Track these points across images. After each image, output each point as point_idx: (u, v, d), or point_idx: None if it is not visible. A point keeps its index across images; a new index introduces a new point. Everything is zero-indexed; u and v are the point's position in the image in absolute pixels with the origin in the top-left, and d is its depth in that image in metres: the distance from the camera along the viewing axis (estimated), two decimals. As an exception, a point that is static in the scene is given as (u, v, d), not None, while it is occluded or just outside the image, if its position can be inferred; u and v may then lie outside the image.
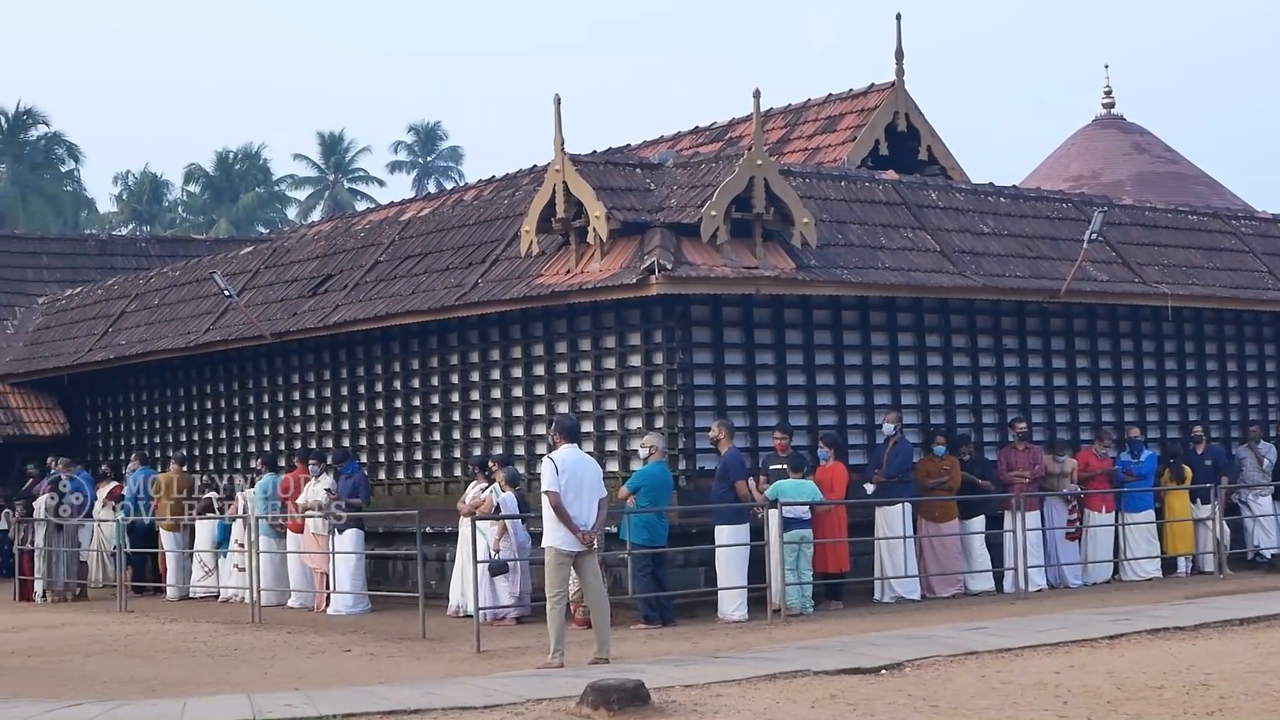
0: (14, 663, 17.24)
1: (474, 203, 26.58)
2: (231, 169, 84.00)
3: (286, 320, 25.84)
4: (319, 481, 22.67)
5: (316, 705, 12.07)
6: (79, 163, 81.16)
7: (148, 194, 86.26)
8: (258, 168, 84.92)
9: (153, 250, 39.25)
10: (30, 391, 33.56)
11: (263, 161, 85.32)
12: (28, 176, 76.94)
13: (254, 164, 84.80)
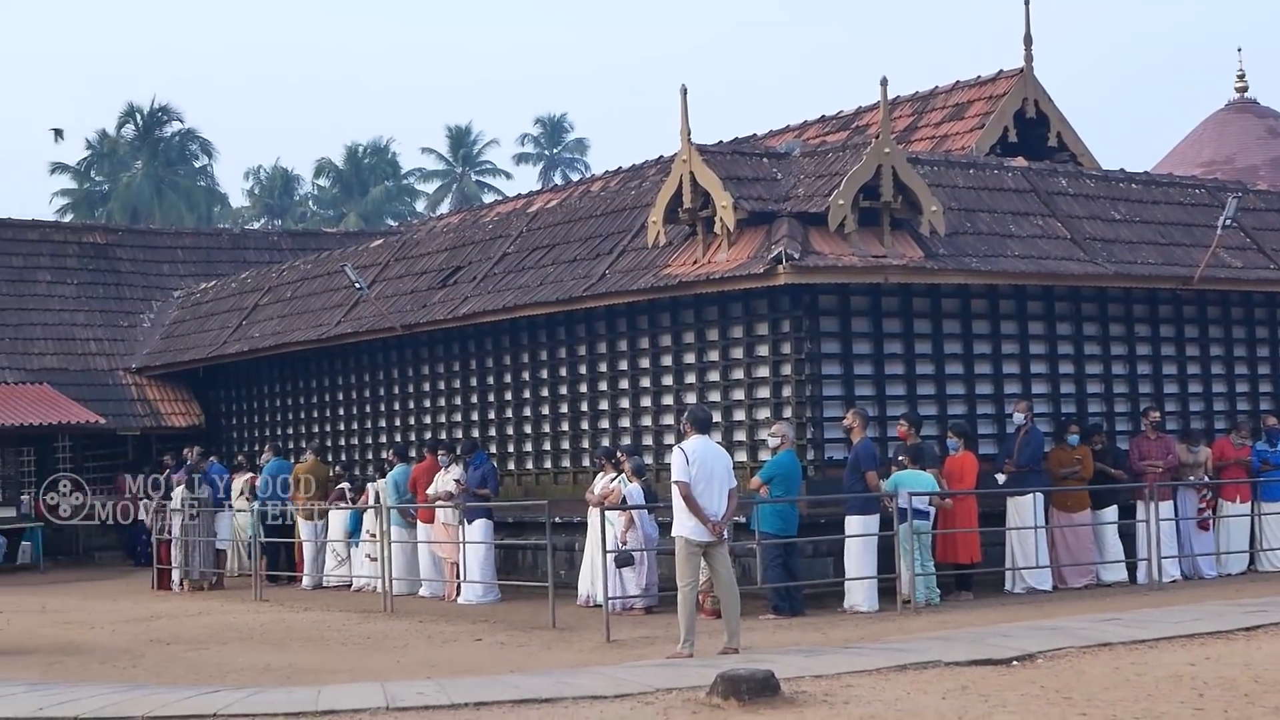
0: (152, 650, 17.52)
1: (601, 194, 26.67)
2: (361, 163, 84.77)
3: (416, 312, 26.07)
4: (449, 472, 22.85)
5: (449, 694, 12.17)
6: (212, 158, 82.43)
7: (279, 188, 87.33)
8: (386, 161, 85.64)
9: (284, 244, 39.76)
10: (166, 383, 34.11)
11: (391, 155, 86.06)
12: (163, 172, 78.19)
13: (383, 158, 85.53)
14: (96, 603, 23.82)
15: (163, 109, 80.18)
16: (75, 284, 35.94)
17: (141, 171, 78.32)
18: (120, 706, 12.22)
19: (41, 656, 17.14)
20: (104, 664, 16.43)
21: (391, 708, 11.69)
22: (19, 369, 33.51)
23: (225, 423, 33.58)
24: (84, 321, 35.26)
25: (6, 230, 36.38)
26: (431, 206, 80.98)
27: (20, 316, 34.66)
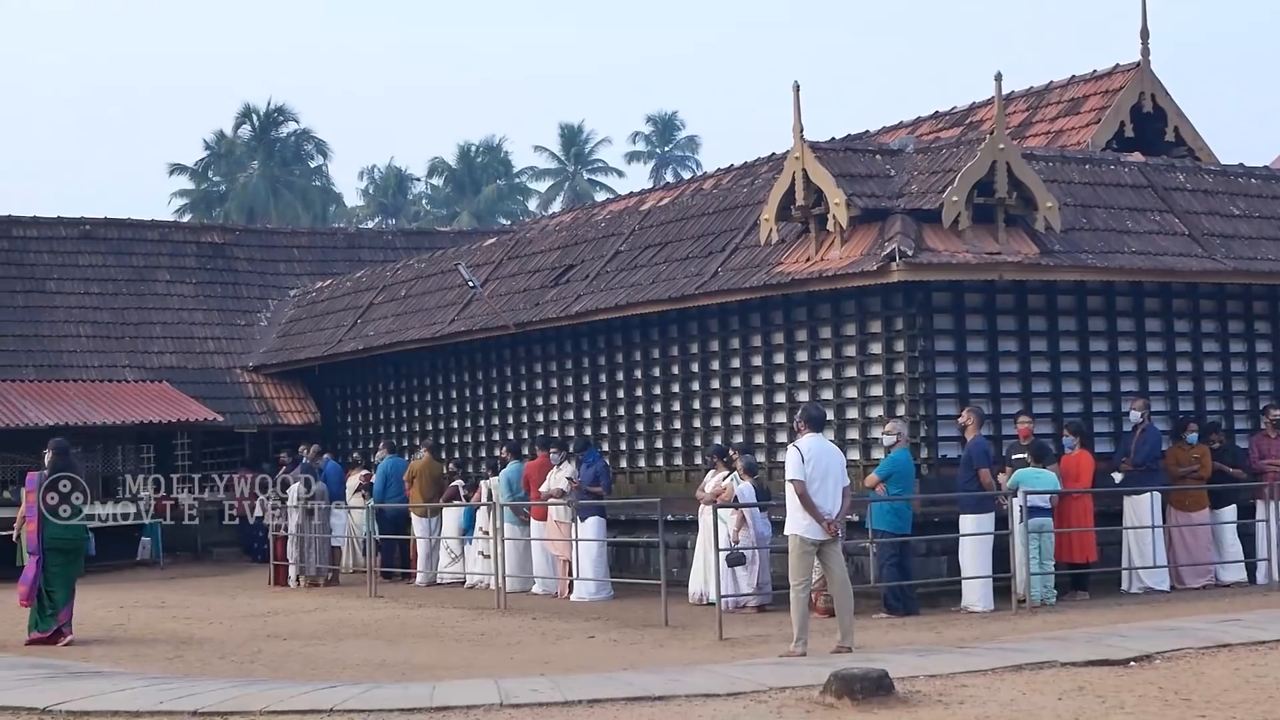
0: (270, 646, 17.72)
1: (713, 192, 26.66)
2: (473, 162, 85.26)
3: (529, 310, 26.18)
4: (561, 469, 22.93)
5: (562, 690, 12.21)
6: (327, 158, 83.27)
7: (392, 188, 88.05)
8: (499, 160, 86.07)
9: (398, 243, 40.05)
10: (283, 381, 34.48)
11: (504, 154, 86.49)
12: (278, 172, 79.07)
13: (495, 157, 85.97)
14: (214, 598, 24.12)
15: (278, 109, 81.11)
16: (194, 283, 36.39)
17: (258, 172, 79.24)
18: (238, 701, 12.36)
19: (161, 651, 17.39)
20: (222, 659, 16.63)
21: (506, 704, 11.75)
22: (139, 367, 34.00)
23: (340, 420, 33.88)
24: (202, 320, 35.70)
25: (127, 230, 36.92)
26: (544, 205, 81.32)
27: (140, 315, 35.14)
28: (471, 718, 11.46)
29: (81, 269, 35.60)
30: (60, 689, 13.53)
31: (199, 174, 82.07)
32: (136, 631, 19.44)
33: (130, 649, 17.60)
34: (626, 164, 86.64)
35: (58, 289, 34.98)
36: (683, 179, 50.59)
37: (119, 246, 36.34)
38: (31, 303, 34.44)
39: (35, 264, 35.24)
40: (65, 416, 30.49)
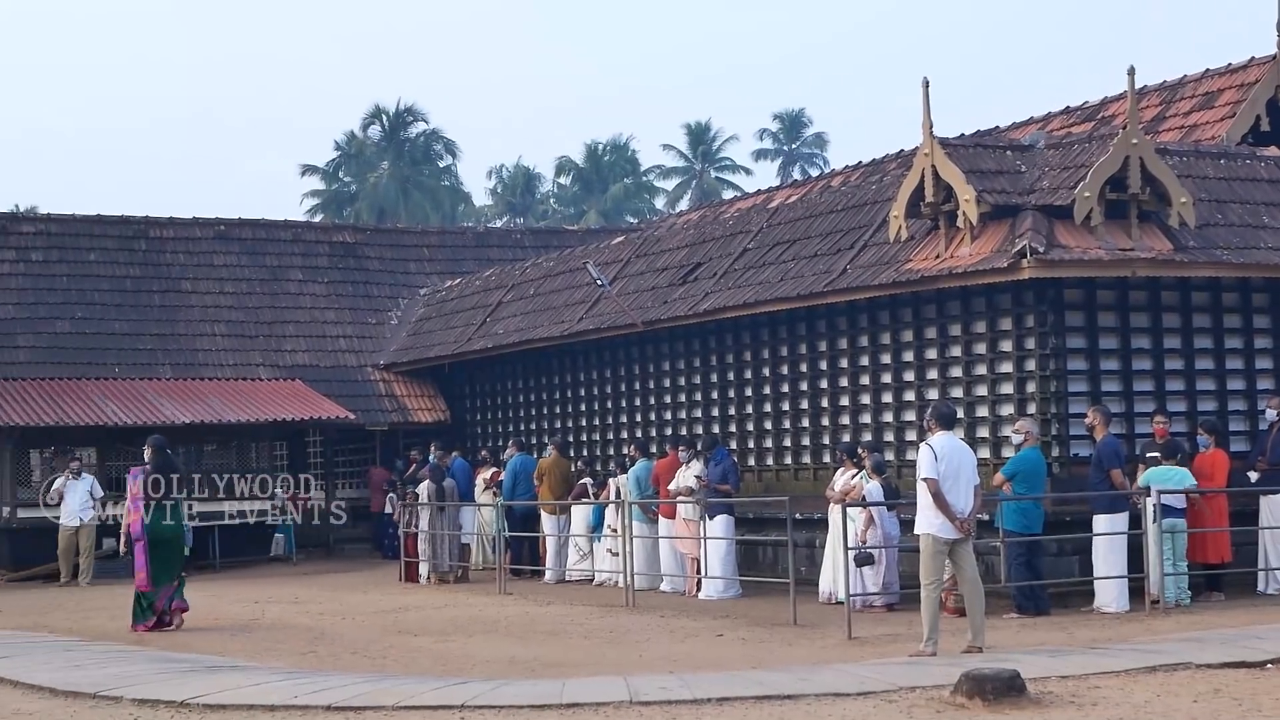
0: (401, 641, 17.88)
1: (841, 189, 26.56)
2: (601, 161, 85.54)
3: (657, 308, 26.22)
4: (690, 467, 22.94)
5: (691, 689, 12.23)
6: (456, 158, 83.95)
7: (520, 187, 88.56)
8: (626, 159, 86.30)
9: (527, 241, 40.26)
10: (413, 379, 34.76)
11: (631, 153, 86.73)
12: (408, 172, 79.78)
13: (622, 155, 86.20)
14: (346, 594, 24.37)
15: (408, 110, 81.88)
16: (325, 282, 36.79)
17: (388, 172, 79.99)
18: (370, 696, 12.50)
19: (295, 646, 17.61)
20: (354, 654, 16.81)
21: (635, 701, 11.78)
22: (273, 365, 34.43)
23: (470, 418, 34.11)
24: (334, 319, 36.07)
25: (261, 230, 37.40)
26: (671, 203, 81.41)
27: (274, 314, 35.57)
28: (601, 715, 11.50)
29: (217, 269, 36.09)
30: (196, 683, 13.75)
31: (330, 174, 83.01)
32: (270, 627, 19.70)
33: (264, 644, 17.84)
34: (753, 161, 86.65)
35: (193, 288, 35.49)
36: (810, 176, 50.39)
37: (253, 246, 36.81)
38: (168, 302, 34.98)
39: (172, 264, 35.78)
40: (201, 414, 30.96)
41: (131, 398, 31.48)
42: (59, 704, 13.22)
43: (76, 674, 14.68)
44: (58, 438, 30.48)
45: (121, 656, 16.45)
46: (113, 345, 33.64)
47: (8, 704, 13.34)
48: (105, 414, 30.40)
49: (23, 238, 35.10)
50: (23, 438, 30.15)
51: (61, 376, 32.36)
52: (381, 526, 32.22)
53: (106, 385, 32.13)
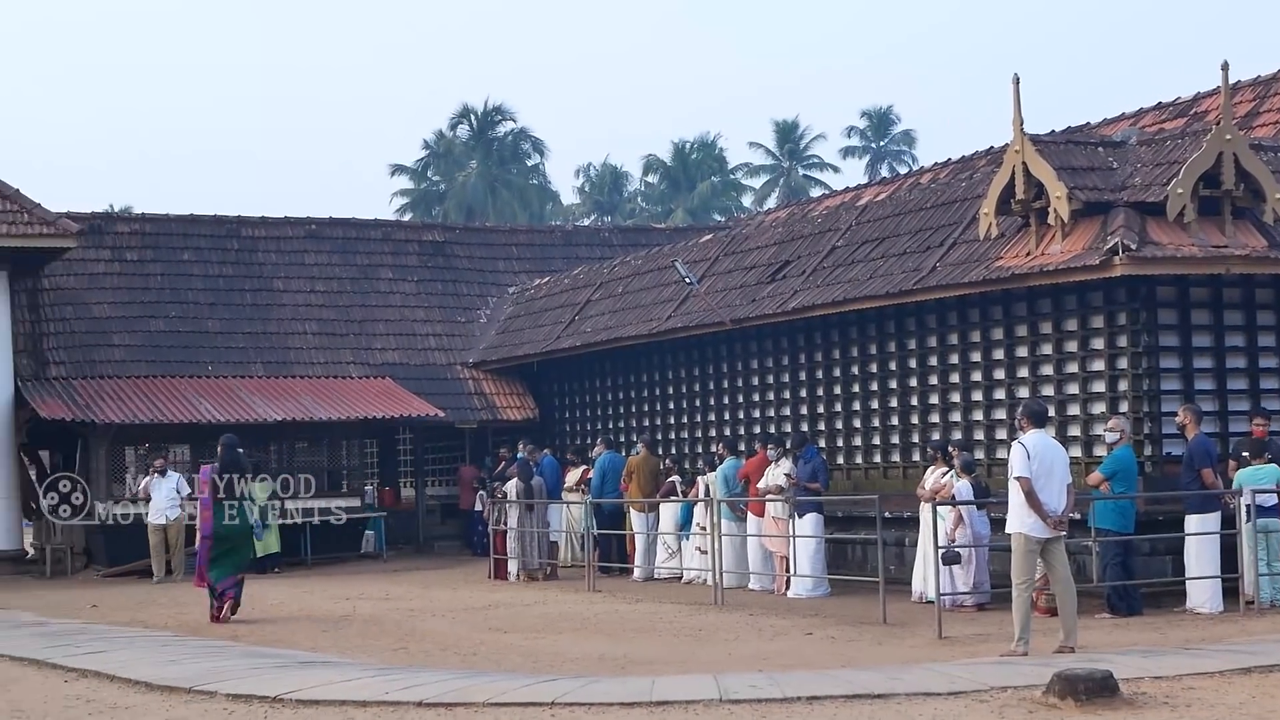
0: (491, 638, 17.96)
1: (930, 186, 26.45)
2: (688, 159, 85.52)
3: (746, 306, 26.20)
4: (779, 466, 22.91)
5: (780, 687, 12.22)
6: (543, 157, 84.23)
7: (608, 185, 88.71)
8: (713, 157, 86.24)
9: (615, 240, 40.31)
10: (502, 377, 34.88)
11: (718, 151, 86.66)
12: (496, 171, 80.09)
13: (710, 154, 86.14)
14: (437, 591, 24.51)
15: (496, 109, 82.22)
16: (415, 281, 36.97)
17: (476, 171, 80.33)
18: (462, 692, 12.57)
19: (386, 642, 17.73)
20: (445, 650, 16.90)
21: (725, 699, 11.79)
22: (364, 364, 34.64)
23: (558, 416, 34.21)
24: (423, 318, 36.23)
25: (351, 229, 37.63)
26: (758, 201, 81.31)
27: (364, 313, 35.78)
28: (691, 713, 11.52)
29: (307, 267, 36.35)
30: (289, 678, 13.88)
31: (419, 174, 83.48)
32: (362, 623, 19.84)
33: (356, 640, 17.97)
34: (841, 159, 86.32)
35: (285, 287, 35.76)
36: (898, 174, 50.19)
37: (343, 245, 37.04)
38: (260, 301, 35.26)
39: (264, 263, 36.07)
40: (292, 412, 31.21)
41: (225, 396, 31.78)
42: (156, 698, 13.38)
43: (172, 669, 14.85)
44: (152, 435, 30.82)
45: (216, 651, 16.63)
46: (206, 344, 33.97)
47: (107, 698, 13.52)
48: (199, 412, 30.71)
49: (118, 237, 35.49)
50: (118, 435, 30.50)
51: (156, 375, 32.70)
52: (471, 524, 32.37)
53: (200, 383, 32.45)
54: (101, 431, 30.22)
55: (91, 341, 33.22)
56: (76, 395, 31.04)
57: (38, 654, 16.40)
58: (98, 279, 34.52)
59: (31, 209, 30.24)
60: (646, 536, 26.10)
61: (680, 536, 25.32)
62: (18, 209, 30.14)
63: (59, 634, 18.70)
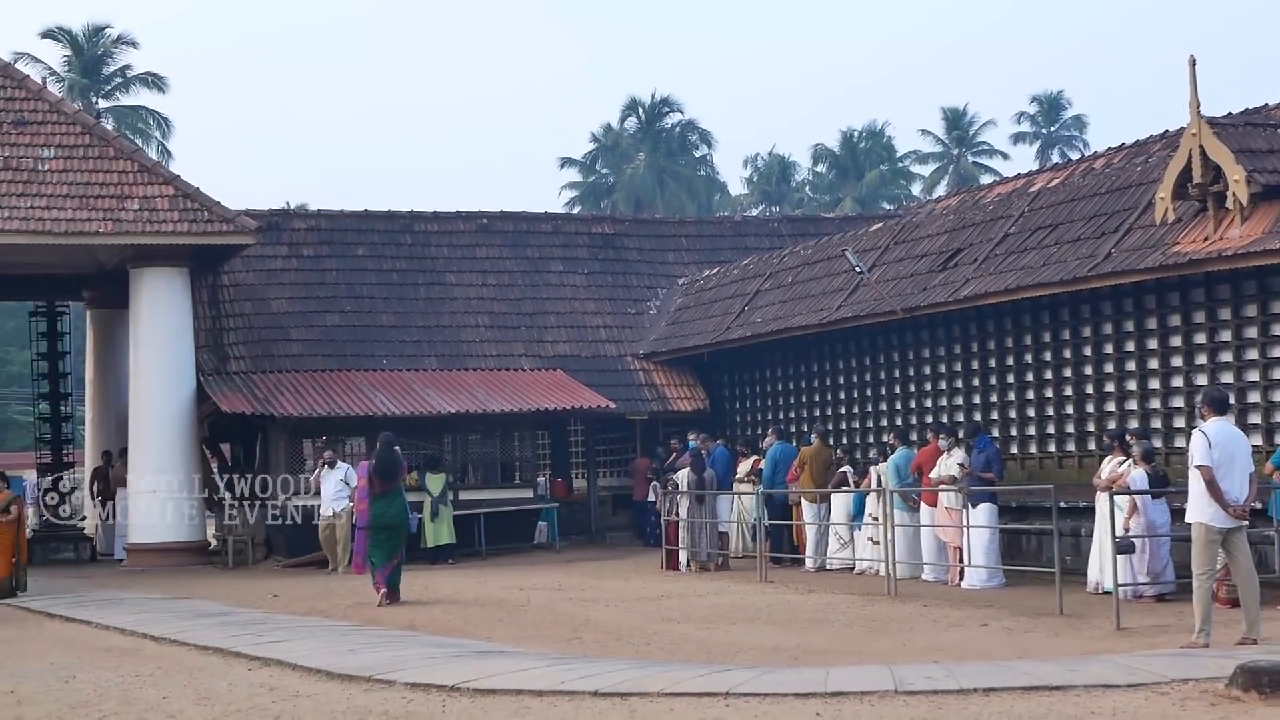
0: (664, 629, 18.02)
1: (1104, 171, 26.07)
2: (856, 148, 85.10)
3: (917, 295, 26.03)
4: (951, 455, 22.74)
5: (956, 678, 12.14)
6: (711, 148, 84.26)
7: (776, 175, 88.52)
8: (881, 146, 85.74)
9: (783, 230, 40.17)
10: (672, 368, 34.94)
11: (886, 139, 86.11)
12: (664, 163, 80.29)
13: (878, 142, 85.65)
14: (609, 581, 24.62)
15: (664, 101, 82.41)
16: (585, 273, 37.14)
17: (644, 163, 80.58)
18: (636, 682, 12.64)
19: (560, 632, 17.86)
20: (618, 640, 16.99)
21: (900, 691, 11.74)
22: (535, 356, 34.88)
23: (729, 407, 34.22)
24: (594, 309, 36.41)
25: (522, 223, 37.90)
26: (927, 189, 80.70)
27: (535, 305, 36.04)
28: (866, 704, 11.48)
29: (479, 261, 36.66)
30: (466, 667, 14.05)
31: (587, 167, 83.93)
32: (536, 613, 19.99)
33: (530, 630, 18.12)
34: (1011, 145, 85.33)
35: (457, 281, 36.11)
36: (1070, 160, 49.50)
37: (514, 239, 37.32)
38: (433, 294, 35.66)
39: (436, 257, 36.45)
40: (465, 404, 31.54)
41: (399, 388, 32.20)
42: (335, 686, 13.61)
43: (351, 658, 15.10)
44: (329, 428, 31.30)
45: (393, 641, 16.88)
46: (380, 337, 34.42)
47: (288, 686, 13.79)
48: (374, 404, 31.14)
49: (295, 234, 36.09)
50: (296, 428, 31.03)
51: (332, 368, 33.21)
52: (644, 514, 32.49)
53: (375, 376, 32.90)
54: (280, 425, 30.78)
55: (270, 336, 33.83)
56: (256, 389, 31.64)
57: (222, 643, 16.77)
58: (275, 275, 35.14)
59: (211, 207, 30.88)
60: (818, 527, 26.03)
61: (852, 527, 25.22)
62: (198, 207, 30.79)
63: (242, 623, 19.10)
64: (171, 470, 30.79)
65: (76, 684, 14.32)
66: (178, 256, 31.16)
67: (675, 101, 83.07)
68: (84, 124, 32.48)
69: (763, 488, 26.44)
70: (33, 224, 29.82)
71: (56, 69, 70.26)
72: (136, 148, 37.35)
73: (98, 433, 37.34)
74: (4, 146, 30.83)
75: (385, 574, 21.34)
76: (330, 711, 12.31)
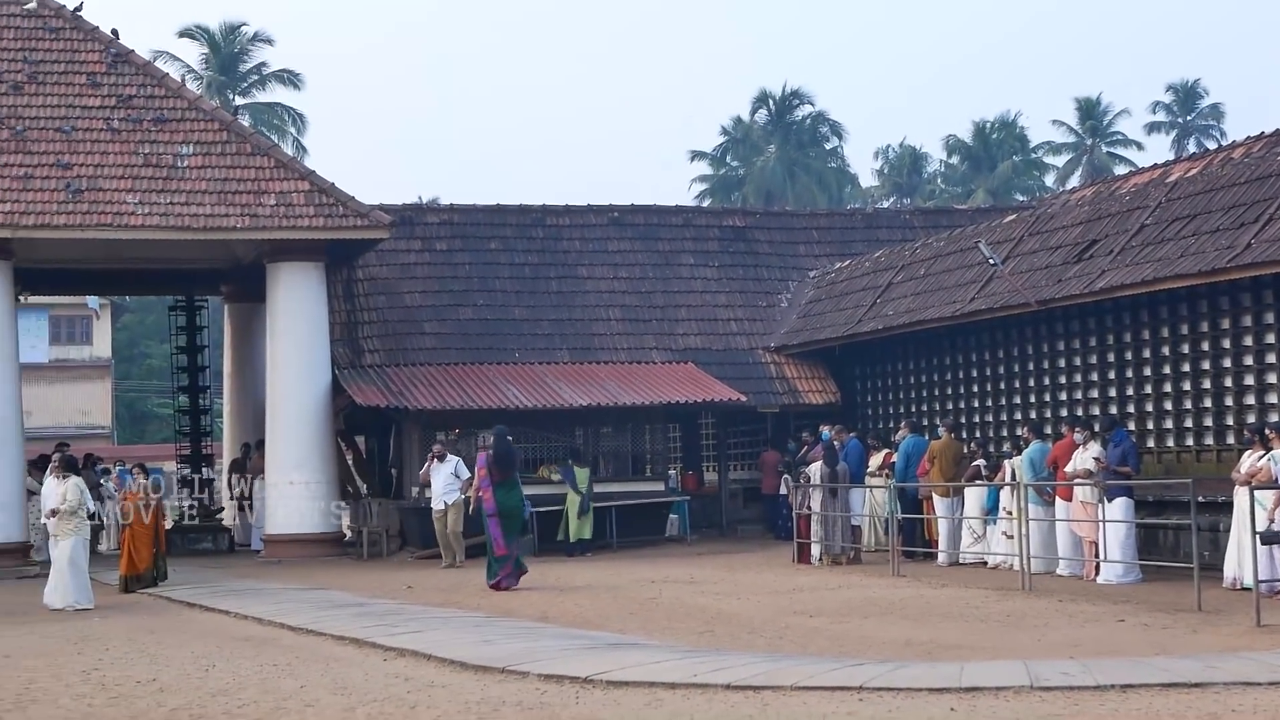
0: (797, 622, 17.99)
1: (1243, 161, 25.66)
2: (988, 139, 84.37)
3: (1051, 287, 25.77)
4: (1087, 449, 22.49)
5: (1093, 675, 12.03)
6: (842, 139, 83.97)
7: (907, 167, 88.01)
8: (1014, 136, 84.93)
9: (915, 222, 39.93)
10: (803, 361, 34.86)
11: (1019, 130, 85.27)
12: (794, 155, 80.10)
13: (1010, 133, 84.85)
14: (740, 574, 24.62)
15: (794, 93, 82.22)
16: (716, 266, 37.13)
17: (774, 155, 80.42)
18: (769, 676, 12.64)
19: (692, 625, 17.89)
20: (751, 634, 16.98)
21: (1035, 687, 11.67)
22: (666, 349, 34.95)
23: (860, 400, 34.08)
24: (725, 302, 36.39)
25: (653, 216, 37.96)
26: (1060, 180, 79.84)
27: (666, 299, 36.09)
28: (1001, 699, 11.42)
29: (610, 254, 36.78)
30: (599, 659, 14.12)
31: (717, 160, 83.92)
32: (668, 606, 20.03)
33: (662, 622, 18.16)
34: (1145, 135, 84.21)
35: (589, 274, 36.25)
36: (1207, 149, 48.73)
37: (645, 232, 37.39)
38: (564, 288, 35.81)
39: (568, 250, 36.62)
40: (597, 397, 31.65)
41: (531, 381, 32.38)
42: (470, 677, 13.74)
43: (486, 649, 15.22)
44: (462, 421, 31.56)
45: (527, 632, 16.99)
46: (513, 331, 34.64)
47: (424, 676, 13.93)
48: (507, 397, 31.35)
49: (428, 228, 36.41)
50: (430, 421, 31.30)
51: (465, 362, 33.48)
52: (775, 508, 32.45)
53: (507, 369, 33.12)
54: (414, 417, 31.06)
55: (403, 330, 34.16)
56: (390, 382, 31.96)
57: (358, 633, 16.98)
58: (409, 269, 35.47)
59: (346, 202, 31.23)
60: (950, 521, 25.86)
61: (986, 521, 25.03)
62: (333, 202, 31.15)
63: (377, 614, 19.31)
64: (308, 462, 31.20)
65: (216, 673, 14.57)
66: (313, 251, 31.53)
67: (806, 94, 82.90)
68: (221, 121, 32.96)
69: (895, 481, 26.31)
70: (172, 219, 30.31)
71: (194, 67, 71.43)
72: (273, 144, 37.90)
73: (235, 425, 37.93)
74: (145, 144, 31.36)
75: (516, 556, 22.97)
76: (465, 702, 12.42)
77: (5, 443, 29.79)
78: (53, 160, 30.58)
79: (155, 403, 73.08)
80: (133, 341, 78.44)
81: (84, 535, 22.44)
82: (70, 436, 48.44)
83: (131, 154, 31.11)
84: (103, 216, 29.96)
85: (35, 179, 30.20)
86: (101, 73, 32.58)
